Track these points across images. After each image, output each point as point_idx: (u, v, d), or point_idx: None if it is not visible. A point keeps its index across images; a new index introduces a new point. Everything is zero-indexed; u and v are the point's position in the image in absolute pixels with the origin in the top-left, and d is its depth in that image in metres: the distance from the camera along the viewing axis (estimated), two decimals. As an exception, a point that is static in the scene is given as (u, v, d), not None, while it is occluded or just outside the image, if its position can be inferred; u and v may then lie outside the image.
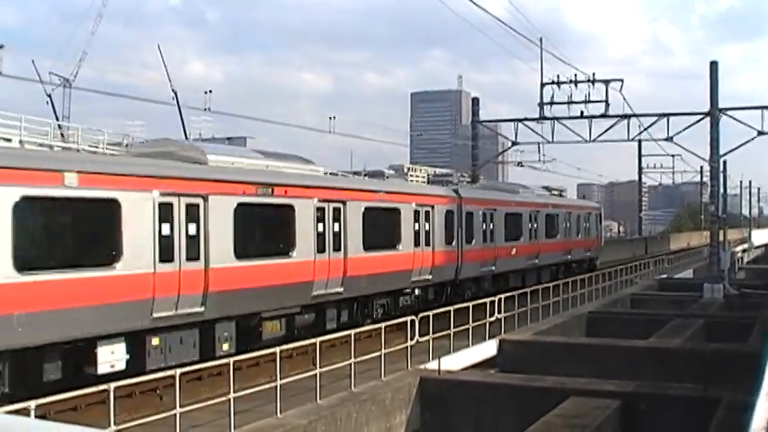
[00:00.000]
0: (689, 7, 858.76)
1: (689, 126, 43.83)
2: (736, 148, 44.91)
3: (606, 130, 45.66)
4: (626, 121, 44.90)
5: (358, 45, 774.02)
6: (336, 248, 21.83)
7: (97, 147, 36.83)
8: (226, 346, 18.04)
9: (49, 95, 49.48)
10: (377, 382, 18.16)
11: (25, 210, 13.96)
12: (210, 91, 40.82)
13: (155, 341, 16.39)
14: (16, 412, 10.42)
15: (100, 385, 12.38)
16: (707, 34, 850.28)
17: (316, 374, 16.01)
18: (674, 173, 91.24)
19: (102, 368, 15.17)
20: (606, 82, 43.91)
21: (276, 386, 14.84)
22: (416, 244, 26.38)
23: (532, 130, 47.58)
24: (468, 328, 22.97)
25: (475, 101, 51.73)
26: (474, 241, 30.64)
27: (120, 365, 15.53)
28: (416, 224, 26.53)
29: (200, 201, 17.42)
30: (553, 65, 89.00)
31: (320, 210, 21.32)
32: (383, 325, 19.48)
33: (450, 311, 22.42)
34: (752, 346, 24.81)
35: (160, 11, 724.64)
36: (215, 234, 17.61)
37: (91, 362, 15.16)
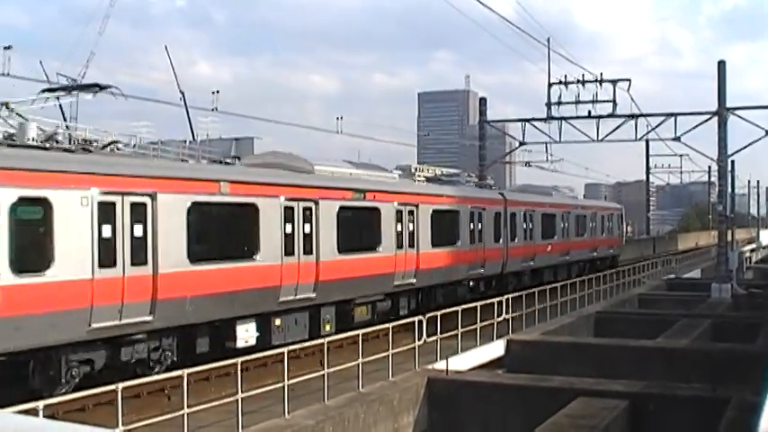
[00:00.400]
0: (696, 7, 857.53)
1: (696, 126, 43.67)
2: (743, 148, 44.89)
3: (614, 130, 45.52)
4: (633, 121, 44.72)
5: (365, 46, 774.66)
6: (411, 245, 25.04)
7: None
8: (328, 327, 21.21)
9: (57, 97, 49.49)
10: (384, 382, 18.17)
11: (194, 213, 17.06)
12: (218, 91, 40.78)
13: (277, 321, 19.59)
14: (25, 412, 10.44)
15: (107, 386, 12.43)
16: (714, 34, 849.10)
17: (323, 375, 16.01)
18: (681, 172, 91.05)
19: (240, 343, 18.29)
20: (614, 82, 43.78)
21: (284, 386, 14.84)
22: (471, 241, 29.68)
23: (540, 130, 47.44)
24: (476, 329, 22.96)
25: (482, 101, 51.52)
26: (517, 239, 34.03)
27: (252, 341, 18.60)
28: (471, 224, 29.91)
29: (312, 204, 20.69)
30: (560, 65, 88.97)
31: (399, 212, 24.62)
32: (390, 325, 19.53)
33: (457, 312, 22.41)
34: (760, 347, 24.79)
35: (167, 12, 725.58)
36: (323, 232, 20.91)
37: (231, 338, 18.27)
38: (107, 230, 15.13)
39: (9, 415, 4.52)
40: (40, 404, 10.87)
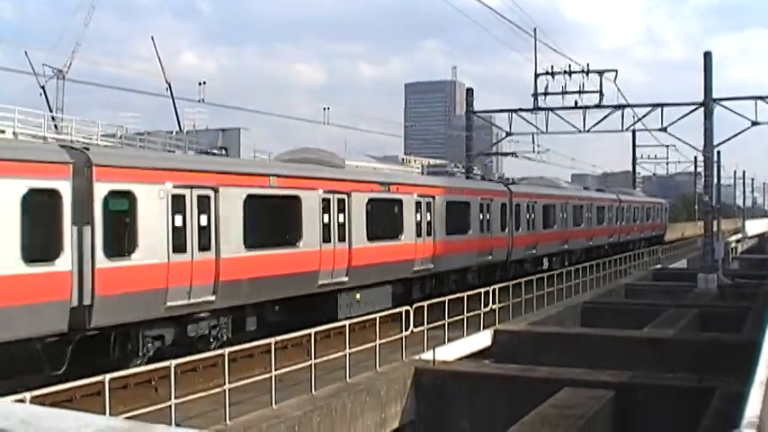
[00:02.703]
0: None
1: (683, 116, 43.91)
2: (729, 139, 45.17)
3: (600, 121, 45.73)
4: (620, 112, 44.98)
5: (352, 35, 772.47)
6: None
7: (91, 138, 36.76)
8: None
9: (43, 87, 49.17)
10: (372, 372, 18.18)
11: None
12: (204, 83, 40.69)
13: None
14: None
15: (94, 377, 12.39)
16: (701, 25, 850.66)
17: (311, 365, 16.01)
18: (668, 163, 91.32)
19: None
20: (600, 72, 43.92)
21: (271, 377, 14.84)
22: (608, 223, 50.93)
23: (527, 120, 47.57)
24: (463, 319, 23.00)
25: (469, 92, 51.52)
26: (624, 222, 55.52)
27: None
28: (609, 213, 51.15)
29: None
30: (547, 55, 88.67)
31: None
32: (377, 315, 19.52)
33: (444, 302, 22.44)
34: (746, 336, 24.87)
35: (153, 1, 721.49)
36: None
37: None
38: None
39: (12, 404, 4.52)
40: (27, 395, 10.83)
